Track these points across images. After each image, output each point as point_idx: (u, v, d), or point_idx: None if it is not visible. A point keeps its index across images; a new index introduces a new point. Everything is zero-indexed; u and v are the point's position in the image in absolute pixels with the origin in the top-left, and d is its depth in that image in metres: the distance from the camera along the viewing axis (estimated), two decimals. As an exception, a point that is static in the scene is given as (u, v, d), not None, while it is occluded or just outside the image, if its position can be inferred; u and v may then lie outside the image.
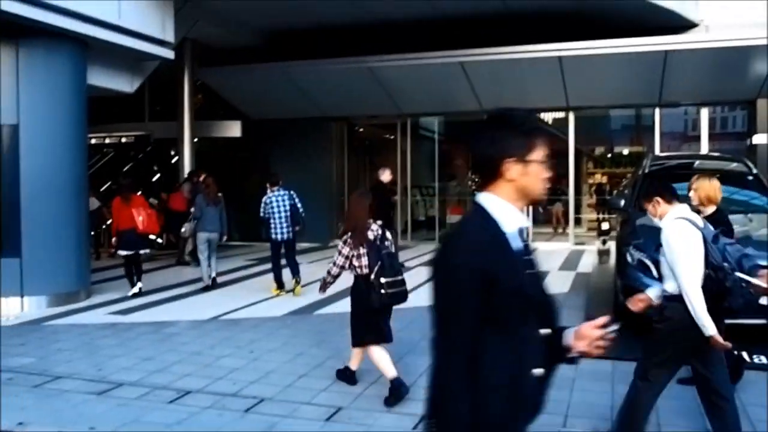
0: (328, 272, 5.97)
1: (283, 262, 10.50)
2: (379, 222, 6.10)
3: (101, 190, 15.89)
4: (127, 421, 5.07)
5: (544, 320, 2.16)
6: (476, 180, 2.49)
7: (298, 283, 10.39)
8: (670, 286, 4.14)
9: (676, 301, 4.04)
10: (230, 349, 7.18)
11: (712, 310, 3.93)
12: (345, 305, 8.80)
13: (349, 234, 5.79)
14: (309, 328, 8.20)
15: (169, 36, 11.36)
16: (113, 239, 10.68)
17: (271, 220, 10.27)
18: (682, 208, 4.28)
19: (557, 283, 10.98)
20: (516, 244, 2.10)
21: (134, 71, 11.65)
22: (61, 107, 9.68)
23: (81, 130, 10.12)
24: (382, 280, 5.57)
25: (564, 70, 14.34)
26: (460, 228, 2.15)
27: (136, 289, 10.40)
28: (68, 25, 9.36)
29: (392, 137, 20.89)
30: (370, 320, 5.72)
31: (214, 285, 11.01)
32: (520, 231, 2.13)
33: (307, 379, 6.10)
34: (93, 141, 15.15)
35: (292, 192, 10.54)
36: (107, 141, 18.32)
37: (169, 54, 11.46)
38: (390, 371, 5.60)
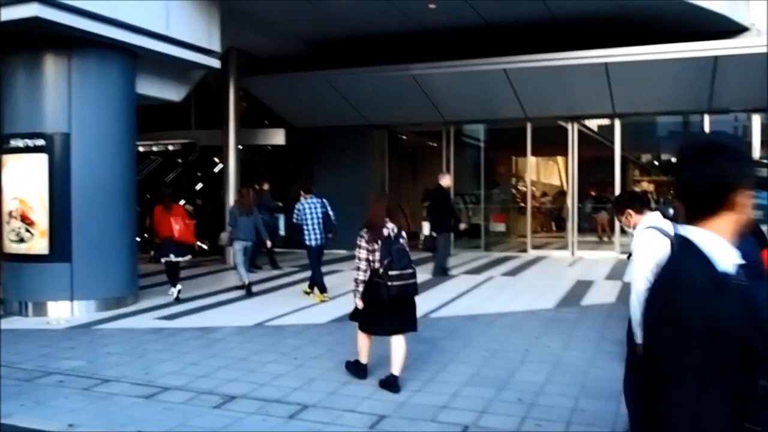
0: (356, 279, 6.27)
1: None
2: (396, 224, 6.40)
3: (147, 196, 16.15)
4: (174, 425, 5.17)
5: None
6: (686, 211, 2.21)
7: (311, 287, 10.84)
8: None
9: None
10: (274, 355, 7.27)
11: None
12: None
13: (365, 230, 6.23)
14: (352, 335, 8.16)
15: (216, 45, 11.57)
16: (154, 246, 10.96)
17: (304, 227, 10.61)
18: (652, 217, 4.42)
19: (603, 293, 10.88)
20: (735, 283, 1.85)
21: (181, 80, 11.87)
22: (111, 116, 9.92)
23: (130, 138, 10.34)
24: (390, 272, 5.96)
25: (610, 77, 14.20)
26: (673, 268, 1.90)
27: (174, 291, 10.74)
28: (119, 36, 9.59)
29: (435, 144, 20.92)
30: (380, 311, 6.11)
31: (249, 291, 11.25)
32: (738, 268, 1.90)
33: (351, 387, 6.14)
34: (141, 148, 15.41)
35: (324, 200, 10.88)
36: (154, 148, 18.64)
37: (216, 63, 11.66)
38: (363, 359, 6.35)
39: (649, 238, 4.12)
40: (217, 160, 17.85)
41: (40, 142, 9.51)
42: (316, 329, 8.63)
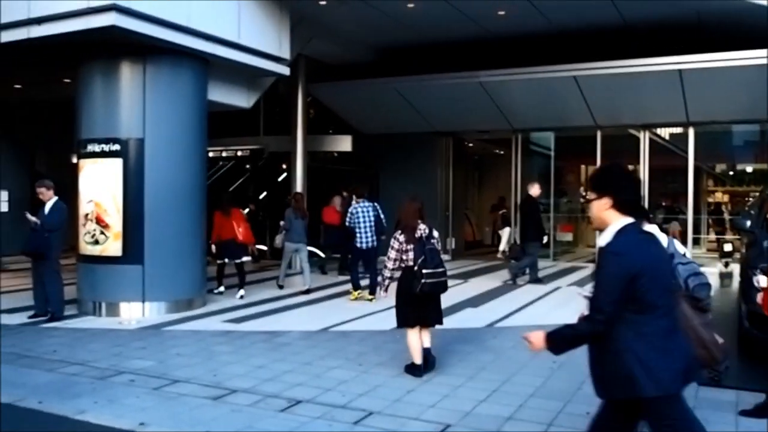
0: (383, 273, 6.92)
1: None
2: (423, 225, 6.86)
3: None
4: (241, 428, 5.24)
5: None
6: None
7: (372, 292, 11.10)
8: None
9: None
10: (339, 360, 7.31)
11: None
12: (453, 322, 8.83)
13: (399, 232, 6.80)
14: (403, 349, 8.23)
15: (285, 53, 11.75)
16: (212, 248, 11.40)
17: (357, 230, 11.28)
18: (648, 229, 4.30)
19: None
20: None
21: (251, 87, 12.09)
22: (183, 122, 10.15)
23: (201, 143, 10.56)
24: (423, 270, 6.51)
25: (684, 84, 13.86)
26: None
27: (222, 288, 11.63)
28: (192, 44, 9.82)
29: (502, 152, 20.77)
30: (414, 306, 6.67)
31: (309, 290, 11.96)
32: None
33: (416, 395, 6.12)
34: (210, 154, 15.73)
35: (376, 204, 11.64)
36: (224, 154, 19.01)
37: (285, 70, 11.84)
38: (417, 358, 6.69)
39: None
40: (284, 166, 18.07)
41: (116, 147, 9.79)
42: (381, 336, 8.65)
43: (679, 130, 16.65)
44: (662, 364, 3.17)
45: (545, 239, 13.96)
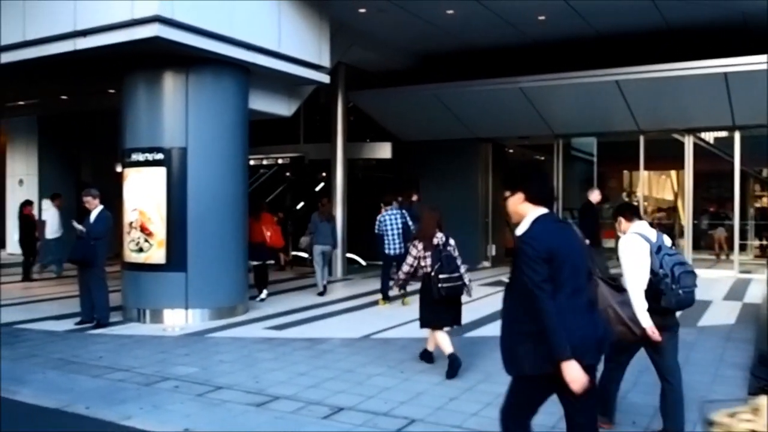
0: (400, 273, 7.59)
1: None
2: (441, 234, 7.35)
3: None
4: (284, 434, 5.28)
5: None
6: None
7: (405, 295, 11.15)
8: None
9: None
10: (381, 368, 7.32)
11: (653, 308, 4.81)
12: (495, 329, 8.77)
13: (418, 240, 7.35)
14: (460, 350, 8.19)
15: (325, 61, 11.84)
16: None
17: (385, 237, 11.64)
18: (639, 224, 5.19)
19: (722, 314, 10.42)
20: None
21: (291, 95, 12.20)
22: (225, 130, 10.27)
23: (243, 152, 10.67)
24: (440, 276, 6.99)
25: (730, 87, 13.63)
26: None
27: (264, 295, 11.79)
28: (234, 54, 9.95)
29: (543, 158, 20.60)
30: (434, 308, 7.17)
31: (324, 291, 12.63)
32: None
33: (458, 403, 6.10)
34: (251, 162, 15.90)
35: (404, 211, 12.00)
36: (264, 162, 19.19)
37: (325, 78, 11.92)
38: (447, 349, 7.09)
39: (630, 242, 5.05)
40: (323, 174, 18.17)
41: (159, 156, 9.95)
42: (422, 343, 8.59)
43: (724, 133, 16.36)
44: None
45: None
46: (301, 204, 19.46)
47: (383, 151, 18.02)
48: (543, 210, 3.63)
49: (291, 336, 9.08)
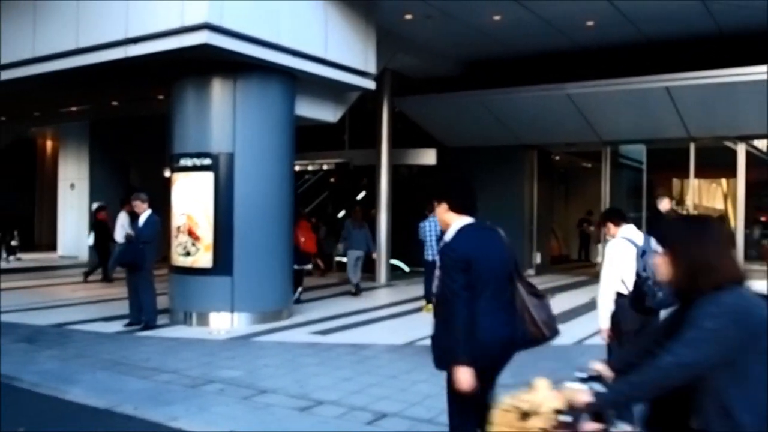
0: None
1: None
2: None
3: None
4: (328, 439, 5.32)
5: None
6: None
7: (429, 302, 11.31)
8: None
9: None
10: (425, 375, 7.29)
11: (638, 309, 5.25)
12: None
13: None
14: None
15: (371, 67, 11.88)
16: None
17: (426, 243, 11.68)
18: (627, 229, 5.65)
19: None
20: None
21: (337, 101, 12.27)
22: (271, 136, 10.39)
23: (289, 157, 10.79)
24: None
25: (784, 94, 13.34)
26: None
27: (297, 295, 11.98)
28: (281, 60, 10.06)
29: (590, 165, 20.39)
30: None
31: (357, 291, 13.39)
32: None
33: (502, 411, 6.06)
34: (296, 168, 16.06)
35: None
36: (309, 168, 19.33)
37: (371, 84, 11.97)
38: None
39: (617, 246, 5.51)
40: (365, 182, 18.25)
41: (207, 161, 10.10)
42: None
43: (778, 141, 16.03)
44: (475, 340, 3.73)
45: None
46: (343, 212, 19.56)
47: (428, 157, 18.00)
48: (467, 219, 3.98)
49: (335, 341, 9.13)
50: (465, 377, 3.71)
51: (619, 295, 5.49)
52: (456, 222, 3.98)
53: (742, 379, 2.30)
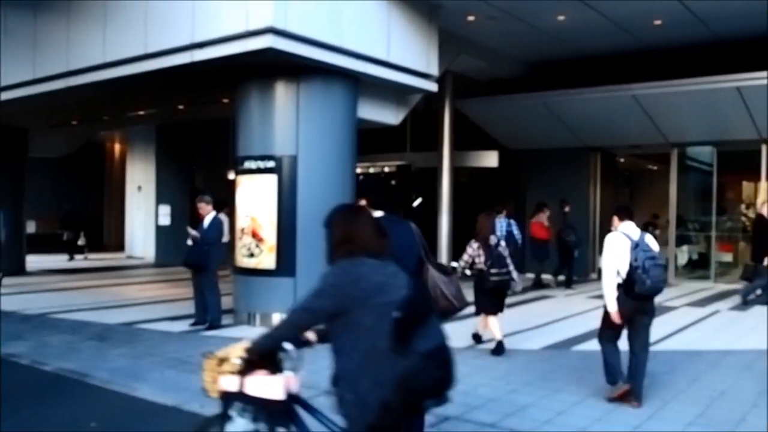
0: (455, 267, 8.61)
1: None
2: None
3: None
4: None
5: None
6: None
7: None
8: None
9: None
10: (487, 378, 7.29)
11: (632, 295, 6.12)
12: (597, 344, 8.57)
13: (474, 240, 8.68)
14: (567, 363, 8.09)
15: (433, 69, 11.89)
16: None
17: None
18: (627, 225, 6.49)
19: None
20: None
21: (399, 104, 12.30)
22: (334, 139, 10.48)
23: (351, 160, 10.86)
24: (491, 270, 8.47)
25: None
26: None
27: None
28: (344, 63, 10.14)
29: (656, 168, 19.98)
30: (486, 298, 8.64)
31: None
32: None
33: (566, 417, 6.02)
34: (358, 170, 16.18)
35: (511, 220, 12.86)
36: (371, 170, 19.42)
37: (433, 87, 11.97)
38: (498, 334, 8.53)
39: (613, 238, 6.45)
40: (417, 195, 18.27)
41: (271, 164, 10.24)
42: (529, 355, 8.58)
43: None
44: None
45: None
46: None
47: (490, 159, 17.92)
48: (381, 213, 5.06)
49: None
50: None
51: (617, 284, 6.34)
52: (374, 215, 4.67)
53: (352, 326, 3.07)
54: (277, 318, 10.13)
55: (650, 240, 6.37)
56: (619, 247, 6.28)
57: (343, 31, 10.03)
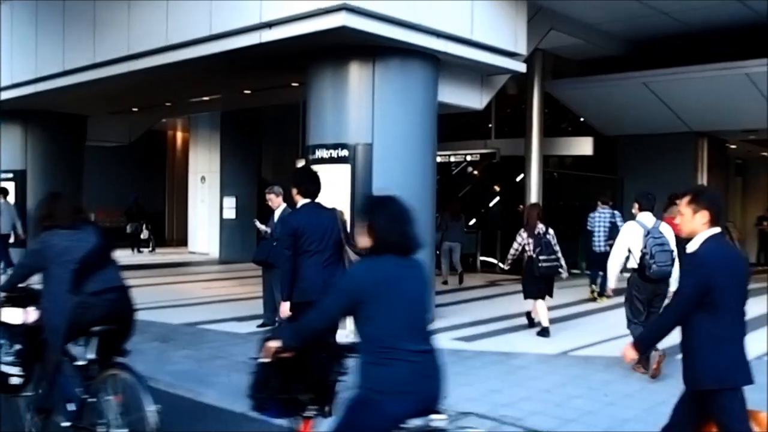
0: (509, 256, 10.29)
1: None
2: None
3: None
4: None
5: None
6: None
7: (593, 291, 13.26)
8: None
9: None
10: (582, 389, 7.18)
11: (645, 278, 7.48)
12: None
13: (523, 229, 9.98)
14: (669, 373, 7.85)
15: (521, 48, 11.67)
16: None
17: (594, 234, 13.16)
18: (645, 215, 7.74)
19: None
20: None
21: (484, 86, 12.16)
22: (412, 125, 10.41)
23: (431, 148, 10.81)
24: (540, 257, 9.65)
25: None
26: None
27: None
28: (423, 42, 10.06)
29: (772, 155, 19.38)
30: (535, 283, 9.87)
31: (456, 281, 15.31)
32: None
33: None
34: (438, 159, 16.16)
35: (615, 212, 13.31)
36: (452, 159, 19.32)
37: (521, 67, 11.77)
38: (545, 320, 9.83)
39: (627, 226, 7.90)
40: (497, 187, 18.06)
41: (344, 152, 10.25)
42: (628, 364, 8.38)
43: None
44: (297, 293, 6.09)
45: None
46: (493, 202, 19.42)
47: (584, 146, 17.62)
48: (306, 200, 6.14)
49: (481, 348, 9.11)
50: (284, 308, 6.26)
51: (633, 269, 7.68)
52: (300, 202, 6.18)
53: (49, 278, 4.90)
54: (349, 319, 10.15)
55: (665, 229, 7.61)
56: (633, 235, 7.61)
57: (421, 7, 9.93)
